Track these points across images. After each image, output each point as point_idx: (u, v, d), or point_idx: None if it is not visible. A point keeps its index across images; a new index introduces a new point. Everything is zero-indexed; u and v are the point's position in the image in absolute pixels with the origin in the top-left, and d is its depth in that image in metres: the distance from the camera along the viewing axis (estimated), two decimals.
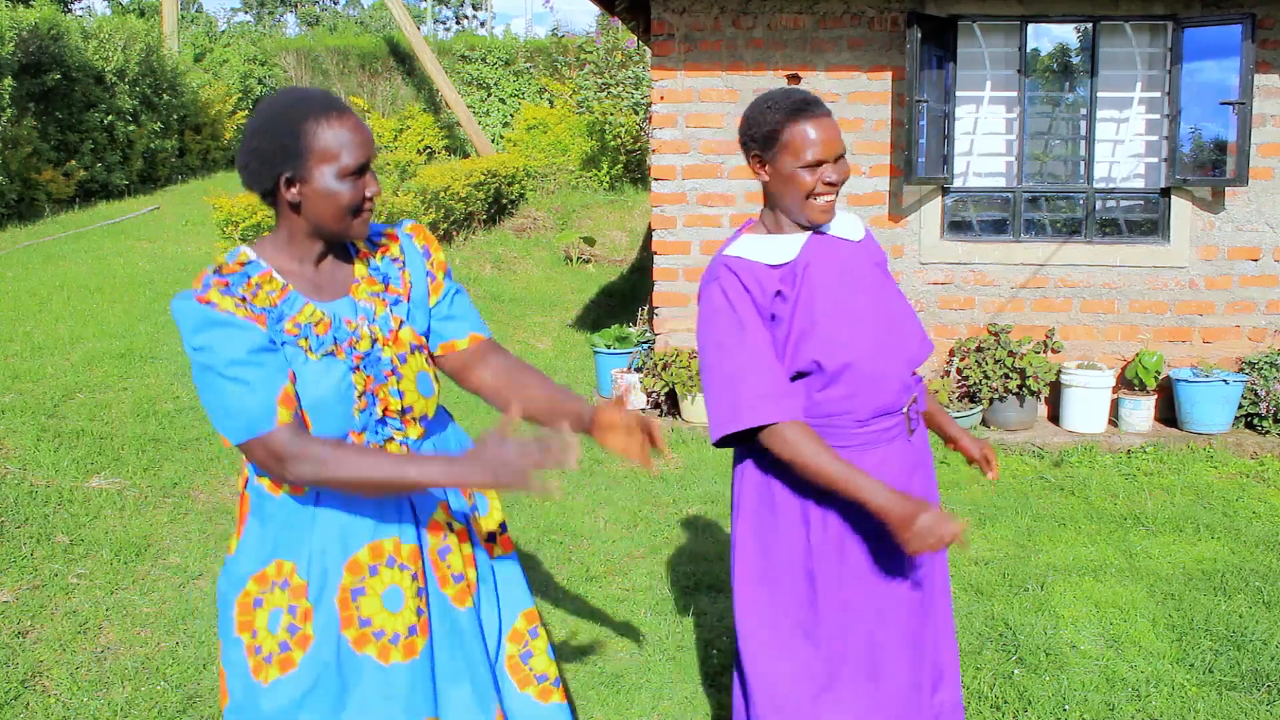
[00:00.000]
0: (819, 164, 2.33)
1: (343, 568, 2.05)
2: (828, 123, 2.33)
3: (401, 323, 2.11)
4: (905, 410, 2.45)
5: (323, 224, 1.99)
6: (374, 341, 2.04)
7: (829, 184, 2.35)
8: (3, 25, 12.19)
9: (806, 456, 2.29)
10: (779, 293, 2.37)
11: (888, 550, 2.41)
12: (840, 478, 2.28)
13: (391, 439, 2.08)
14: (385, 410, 2.05)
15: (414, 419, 2.11)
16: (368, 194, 1.99)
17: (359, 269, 2.11)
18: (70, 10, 22.13)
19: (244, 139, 1.99)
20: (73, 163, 13.60)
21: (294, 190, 1.96)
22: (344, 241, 2.08)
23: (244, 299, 1.95)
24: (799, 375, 2.39)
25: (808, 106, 2.34)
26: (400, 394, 2.07)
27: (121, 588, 4.32)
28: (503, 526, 2.35)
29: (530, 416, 2.23)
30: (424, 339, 2.16)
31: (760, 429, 2.31)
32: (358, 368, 2.02)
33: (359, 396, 2.01)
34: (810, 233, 2.44)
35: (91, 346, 7.20)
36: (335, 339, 2.01)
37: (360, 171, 1.97)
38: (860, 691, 2.45)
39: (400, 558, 2.08)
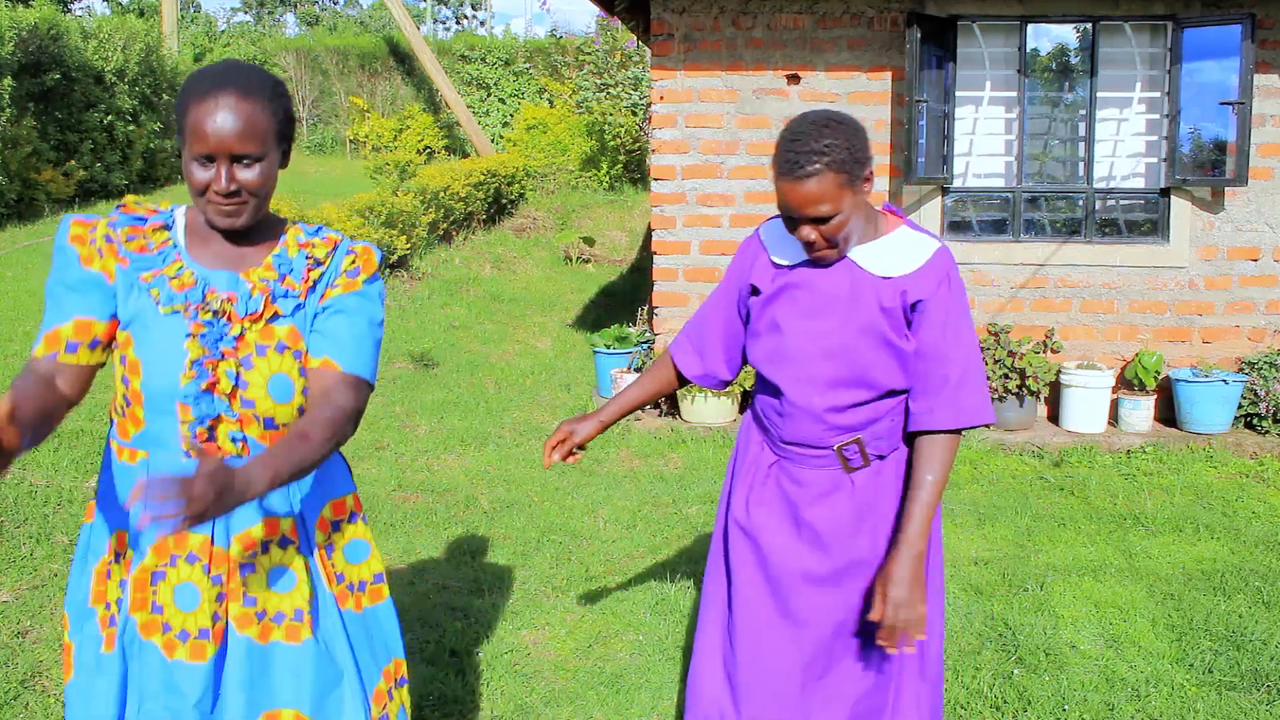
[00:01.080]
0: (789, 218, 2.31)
1: (149, 547, 2.00)
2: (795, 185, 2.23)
3: (278, 315, 2.01)
4: (837, 449, 2.40)
5: (191, 198, 2.00)
6: (219, 315, 1.97)
7: (808, 240, 2.28)
8: (2, 25, 12.18)
9: (644, 374, 2.73)
10: (755, 289, 2.47)
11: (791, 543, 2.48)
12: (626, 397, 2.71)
13: (219, 420, 1.98)
14: (213, 387, 1.96)
15: (255, 415, 2.00)
16: (214, 186, 1.91)
17: (270, 256, 2.06)
18: (70, 10, 22.14)
19: None
20: (72, 163, 13.59)
21: (182, 159, 1.99)
22: (219, 228, 1.99)
23: (115, 238, 2.00)
24: (757, 372, 2.54)
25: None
26: (241, 381, 1.98)
27: None
28: (377, 576, 2.22)
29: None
30: (303, 345, 2.05)
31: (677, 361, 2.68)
32: (194, 335, 1.96)
33: (189, 364, 1.96)
34: None
35: None
36: (187, 299, 1.97)
37: (210, 159, 1.91)
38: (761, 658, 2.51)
39: (205, 558, 2.00)
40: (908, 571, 2.30)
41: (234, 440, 2.01)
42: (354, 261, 2.10)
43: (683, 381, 2.72)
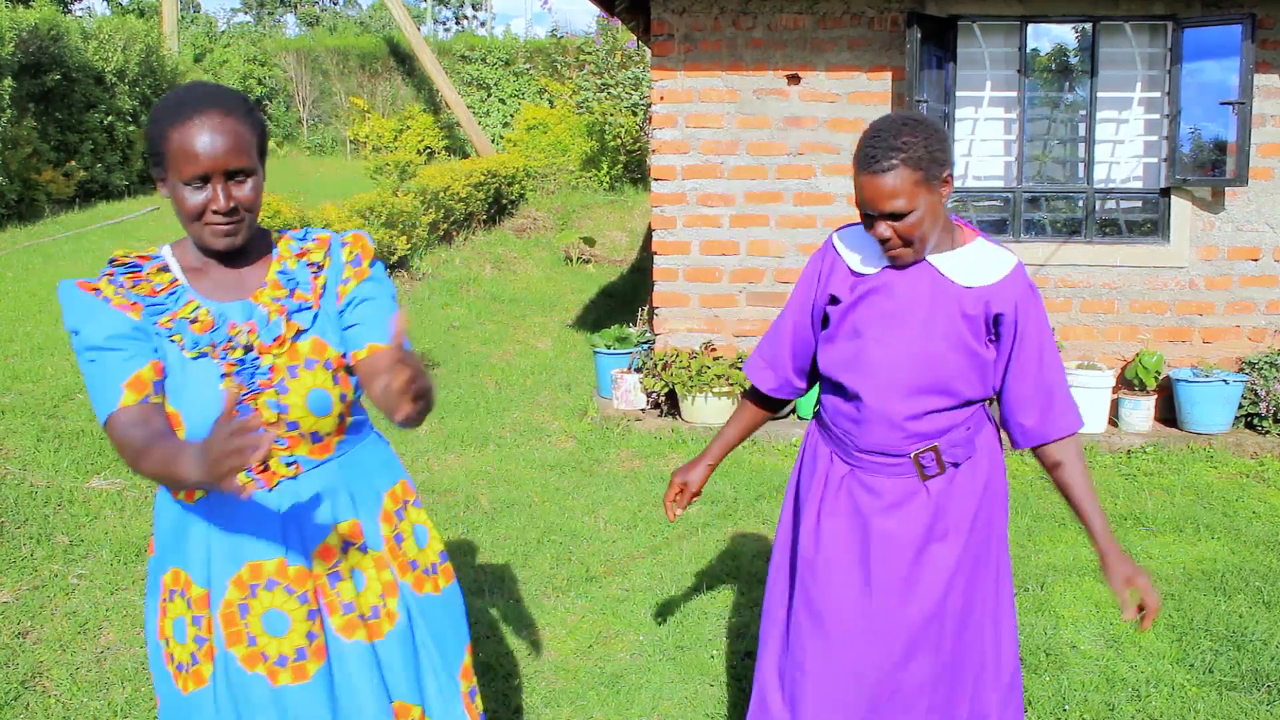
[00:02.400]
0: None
1: (228, 582, 2.01)
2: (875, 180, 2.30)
3: (300, 331, 2.02)
4: (914, 456, 2.42)
5: (183, 226, 1.96)
6: (248, 349, 1.97)
7: (885, 238, 2.33)
8: (3, 26, 12.19)
9: (730, 419, 2.80)
10: (834, 298, 2.46)
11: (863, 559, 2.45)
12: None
13: (270, 451, 1.94)
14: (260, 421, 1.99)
15: (301, 435, 2.02)
16: (212, 207, 1.90)
17: (271, 272, 2.05)
18: (70, 11, 22.15)
19: None
20: (73, 163, 13.60)
21: (163, 190, 1.97)
22: (217, 250, 1.98)
23: (124, 286, 1.96)
24: (827, 380, 2.52)
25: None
26: (283, 407, 1.98)
27: (121, 588, 4.32)
28: (442, 556, 2.26)
29: (380, 401, 2.00)
30: (337, 352, 2.06)
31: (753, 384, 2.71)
32: (228, 374, 1.95)
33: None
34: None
35: None
36: (212, 340, 1.96)
37: (204, 180, 1.90)
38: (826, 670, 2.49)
39: (285, 579, 2.01)
40: (1129, 564, 2.41)
41: (287, 464, 2.03)
42: (351, 251, 2.11)
43: (772, 405, 2.73)
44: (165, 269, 2.00)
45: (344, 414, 2.07)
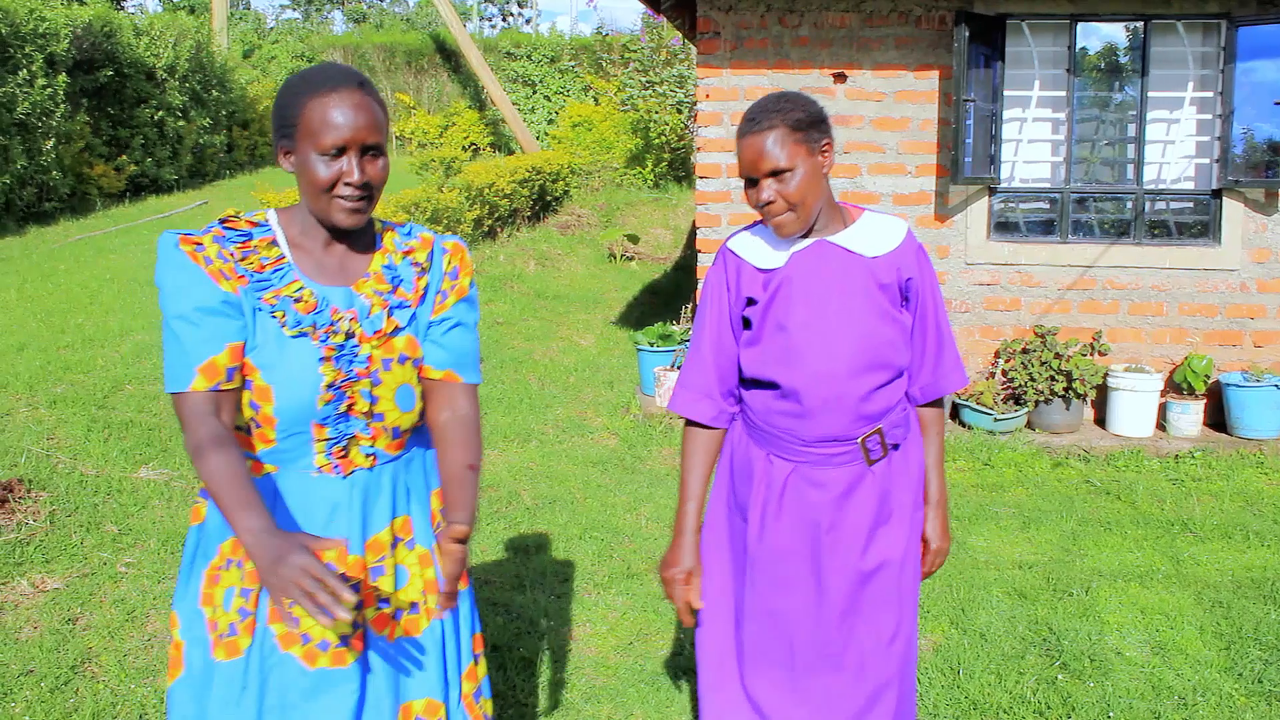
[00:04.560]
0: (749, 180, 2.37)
1: None
2: (752, 141, 2.33)
3: (398, 328, 2.05)
4: (861, 440, 2.41)
5: (307, 200, 1.97)
6: (350, 336, 1.99)
7: (767, 201, 2.33)
8: (58, 23, 12.38)
9: (683, 464, 2.57)
10: (750, 299, 2.44)
11: (798, 545, 2.46)
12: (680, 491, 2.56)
13: (354, 439, 2.01)
14: (351, 409, 1.99)
15: (384, 428, 2.05)
16: (345, 179, 1.92)
17: (375, 264, 2.07)
18: (122, 8, 22.43)
19: None
20: (123, 158, 13.80)
21: (289, 161, 1.97)
22: (340, 228, 1.98)
23: (231, 255, 1.95)
24: (754, 382, 2.47)
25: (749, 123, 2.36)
26: (373, 398, 2.01)
27: (168, 577, 4.38)
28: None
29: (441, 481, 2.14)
30: (422, 354, 2.10)
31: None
32: (328, 358, 1.96)
33: (325, 388, 1.96)
34: (811, 240, 2.41)
35: (141, 339, 7.29)
36: (314, 322, 1.96)
37: (339, 152, 1.91)
38: (777, 676, 2.50)
39: (343, 566, 2.02)
40: (943, 525, 2.59)
41: (366, 454, 2.05)
42: (451, 261, 2.14)
43: (719, 433, 2.60)
44: (274, 243, 2.00)
45: (423, 411, 2.11)
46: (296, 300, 1.96)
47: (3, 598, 4.08)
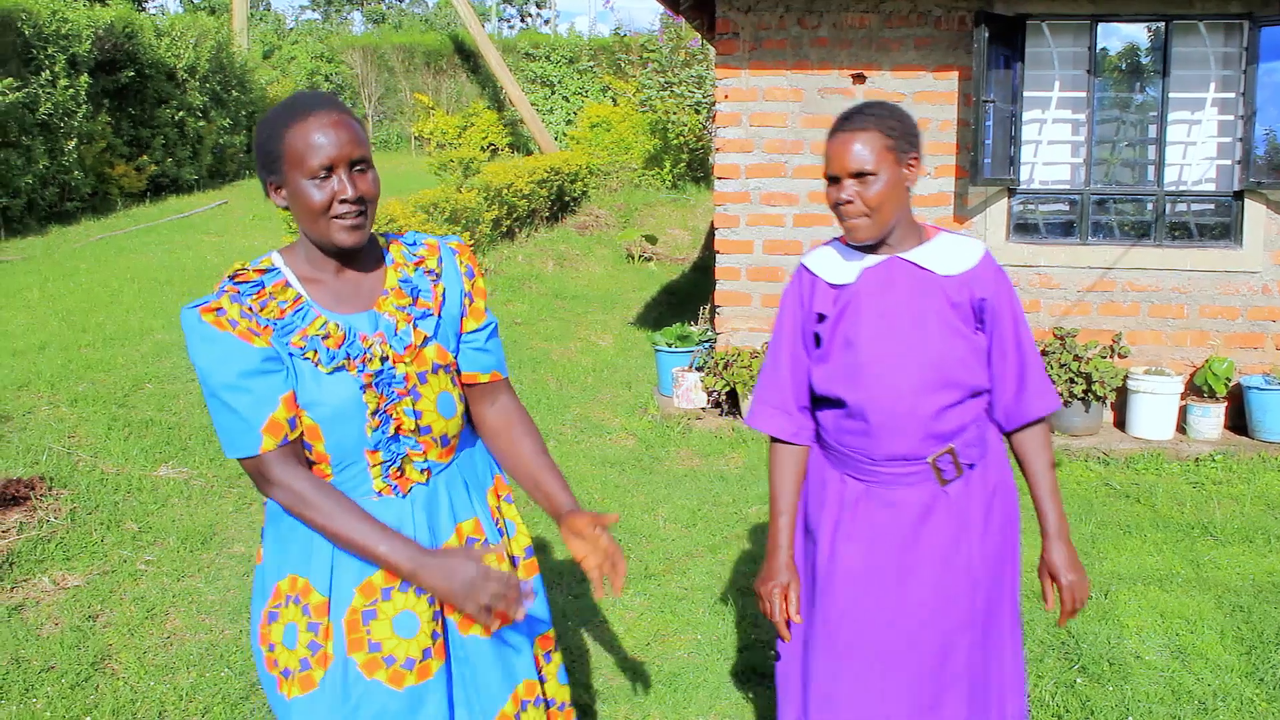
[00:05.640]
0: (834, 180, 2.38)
1: (355, 589, 2.01)
2: (839, 139, 2.37)
3: (426, 339, 2.06)
4: (931, 460, 2.38)
5: (305, 228, 1.97)
6: (384, 359, 2.00)
7: (845, 201, 2.35)
8: (80, 24, 12.46)
9: (771, 480, 2.55)
10: (821, 315, 2.43)
11: (884, 566, 2.41)
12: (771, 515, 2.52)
13: (407, 457, 2.04)
14: (399, 429, 2.02)
15: (433, 439, 2.07)
16: (339, 196, 1.92)
17: (390, 279, 2.06)
18: (144, 9, 22.57)
19: None
20: (144, 158, 13.87)
21: (280, 196, 1.97)
22: (344, 249, 1.98)
23: (251, 309, 1.94)
24: (825, 400, 2.45)
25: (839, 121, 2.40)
26: (417, 414, 2.03)
27: (188, 575, 4.40)
28: (528, 550, 2.30)
29: (512, 475, 2.23)
30: (453, 358, 2.12)
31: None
32: (369, 385, 1.98)
33: (371, 415, 1.98)
34: (884, 257, 2.39)
35: (161, 338, 7.33)
36: (348, 354, 1.97)
37: (328, 173, 1.92)
38: (858, 700, 2.43)
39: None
40: (1070, 557, 2.46)
41: (420, 469, 2.07)
42: (463, 261, 2.17)
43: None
44: (287, 285, 2.00)
45: (466, 414, 2.16)
46: (325, 337, 1.97)
47: (25, 594, 4.11)
